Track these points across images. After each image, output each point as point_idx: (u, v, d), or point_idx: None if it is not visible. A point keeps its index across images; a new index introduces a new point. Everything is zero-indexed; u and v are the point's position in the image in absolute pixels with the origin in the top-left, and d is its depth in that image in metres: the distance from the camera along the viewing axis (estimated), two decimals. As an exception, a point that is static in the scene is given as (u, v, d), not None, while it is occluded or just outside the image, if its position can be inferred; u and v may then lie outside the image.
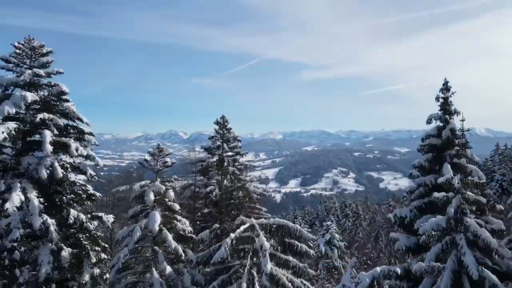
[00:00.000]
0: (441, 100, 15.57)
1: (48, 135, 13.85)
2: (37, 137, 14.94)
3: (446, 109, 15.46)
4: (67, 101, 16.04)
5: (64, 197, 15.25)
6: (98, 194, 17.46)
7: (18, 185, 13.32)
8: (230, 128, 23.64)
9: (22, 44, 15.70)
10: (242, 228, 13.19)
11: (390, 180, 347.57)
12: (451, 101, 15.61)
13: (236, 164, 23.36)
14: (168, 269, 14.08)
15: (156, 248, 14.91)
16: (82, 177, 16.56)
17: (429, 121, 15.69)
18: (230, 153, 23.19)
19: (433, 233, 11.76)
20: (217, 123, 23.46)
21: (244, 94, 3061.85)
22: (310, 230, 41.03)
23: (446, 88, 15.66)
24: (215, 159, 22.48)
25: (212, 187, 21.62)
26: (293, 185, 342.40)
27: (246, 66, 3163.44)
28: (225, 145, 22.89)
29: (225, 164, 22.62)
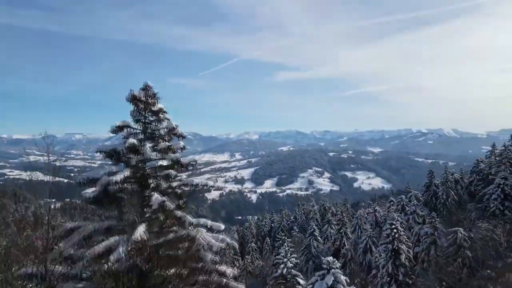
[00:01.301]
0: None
1: None
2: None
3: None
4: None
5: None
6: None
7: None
8: (162, 112, 12.26)
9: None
10: None
11: (364, 179, 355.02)
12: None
13: (174, 183, 12.47)
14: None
15: None
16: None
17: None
18: (161, 163, 12.27)
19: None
20: (133, 99, 11.72)
21: (221, 94, 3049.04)
22: (289, 239, 39.40)
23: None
24: (124, 175, 11.03)
25: (113, 240, 10.10)
26: (268, 185, 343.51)
27: (223, 66, 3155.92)
28: (147, 147, 11.80)
29: (150, 185, 11.93)
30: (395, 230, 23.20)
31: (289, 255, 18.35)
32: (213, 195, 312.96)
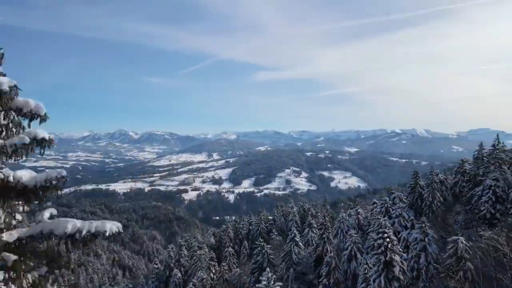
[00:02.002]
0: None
1: None
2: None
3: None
4: None
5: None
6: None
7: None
8: None
9: None
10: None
11: (341, 179, 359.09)
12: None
13: None
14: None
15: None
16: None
17: None
18: None
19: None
20: None
21: (198, 94, 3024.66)
22: (268, 245, 37.30)
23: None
24: None
25: None
26: (246, 185, 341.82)
27: (201, 65, 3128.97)
28: None
29: None
30: (387, 240, 21.18)
31: (272, 283, 14.41)
32: (191, 195, 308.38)
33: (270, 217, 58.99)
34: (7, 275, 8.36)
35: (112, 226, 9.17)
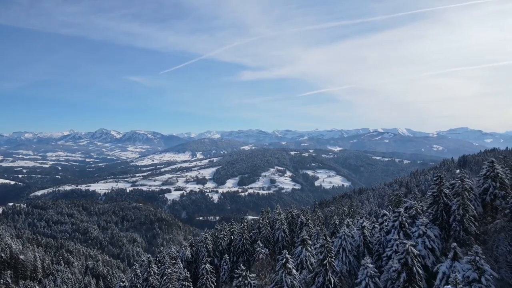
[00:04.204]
0: None
1: None
2: None
3: None
4: None
5: None
6: None
7: None
8: None
9: None
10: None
11: (325, 178, 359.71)
12: None
13: None
14: None
15: None
16: None
17: None
18: None
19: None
20: None
21: (182, 93, 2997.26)
22: (251, 273, 29.33)
23: None
24: None
25: None
26: (230, 185, 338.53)
27: (184, 65, 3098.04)
28: None
29: None
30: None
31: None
32: (174, 195, 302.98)
33: (255, 220, 53.30)
34: None
35: None
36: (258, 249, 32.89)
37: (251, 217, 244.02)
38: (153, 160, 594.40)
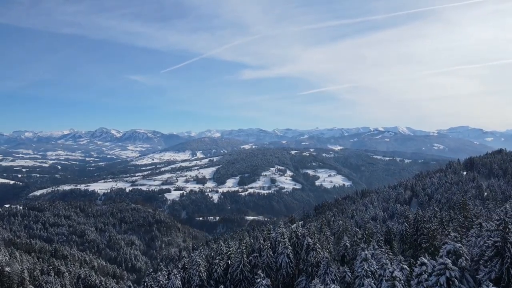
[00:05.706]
0: None
1: None
2: None
3: None
4: None
5: None
6: None
7: None
8: None
9: None
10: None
11: (326, 177, 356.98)
12: None
13: None
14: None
15: None
16: None
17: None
18: None
19: None
20: None
21: (182, 92, 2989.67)
22: None
23: None
24: None
25: None
26: (230, 185, 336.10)
27: (185, 64, 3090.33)
28: None
29: None
30: None
31: None
32: (174, 195, 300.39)
33: (255, 238, 46.57)
34: None
35: None
36: (259, 280, 28.37)
37: (251, 218, 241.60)
38: (153, 159, 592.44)
